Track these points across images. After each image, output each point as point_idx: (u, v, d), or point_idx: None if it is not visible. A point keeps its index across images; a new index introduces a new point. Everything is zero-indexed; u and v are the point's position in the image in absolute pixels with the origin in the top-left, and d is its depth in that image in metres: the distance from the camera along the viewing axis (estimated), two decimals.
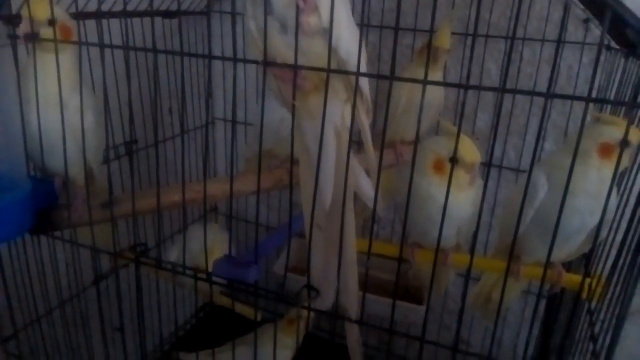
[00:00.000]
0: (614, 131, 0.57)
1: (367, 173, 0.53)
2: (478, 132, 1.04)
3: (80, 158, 0.64)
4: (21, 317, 0.80)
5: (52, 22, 0.60)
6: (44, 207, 0.67)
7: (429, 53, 0.48)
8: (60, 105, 0.58)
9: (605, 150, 0.56)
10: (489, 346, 0.50)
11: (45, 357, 0.87)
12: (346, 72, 0.47)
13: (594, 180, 0.57)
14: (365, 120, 0.50)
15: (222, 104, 1.24)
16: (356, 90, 0.45)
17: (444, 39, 0.82)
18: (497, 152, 1.03)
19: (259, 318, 0.90)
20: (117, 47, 0.56)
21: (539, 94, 0.39)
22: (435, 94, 0.87)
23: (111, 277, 0.88)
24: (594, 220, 0.58)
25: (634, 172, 0.55)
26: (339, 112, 0.49)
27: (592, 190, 0.56)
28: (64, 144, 0.61)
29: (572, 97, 0.44)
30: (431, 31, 0.50)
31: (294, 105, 0.49)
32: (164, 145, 1.06)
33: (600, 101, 0.39)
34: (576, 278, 0.62)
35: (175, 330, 1.18)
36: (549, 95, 0.38)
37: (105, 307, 0.76)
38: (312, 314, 0.90)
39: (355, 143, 0.61)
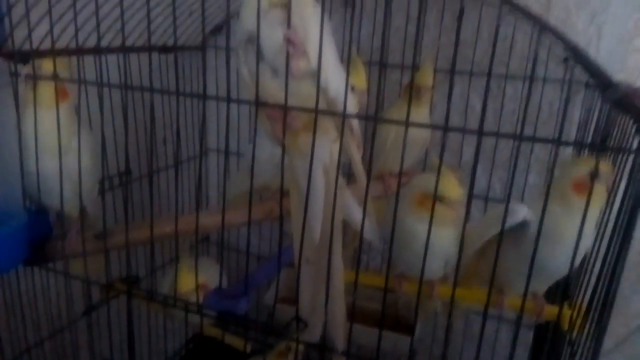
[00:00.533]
0: (584, 167, 0.58)
1: (359, 203, 0.56)
2: (465, 165, 1.07)
3: (75, 197, 0.66)
4: (10, 348, 0.80)
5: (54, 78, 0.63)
6: (38, 239, 0.68)
7: (411, 94, 0.50)
8: (59, 154, 0.61)
9: (579, 187, 0.58)
10: None
11: None
12: (333, 113, 0.49)
13: (576, 217, 0.58)
14: (356, 154, 0.52)
15: (215, 135, 1.26)
16: (343, 130, 0.48)
17: (426, 77, 0.86)
18: (483, 184, 1.06)
19: (248, 349, 0.91)
20: (115, 86, 0.58)
21: (509, 136, 0.42)
22: (421, 131, 0.90)
23: (102, 308, 0.89)
24: (580, 257, 0.60)
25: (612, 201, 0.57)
26: (327, 150, 0.51)
27: (575, 228, 0.58)
28: (61, 188, 0.63)
29: (540, 140, 0.47)
30: (413, 69, 0.53)
31: (284, 147, 0.51)
32: (157, 175, 1.07)
33: (567, 144, 0.42)
34: (554, 309, 0.63)
35: None
36: (519, 137, 0.41)
37: (96, 338, 0.76)
38: (301, 346, 0.91)
39: (347, 175, 0.63)
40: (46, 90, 0.63)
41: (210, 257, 1.28)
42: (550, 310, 0.64)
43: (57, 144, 0.61)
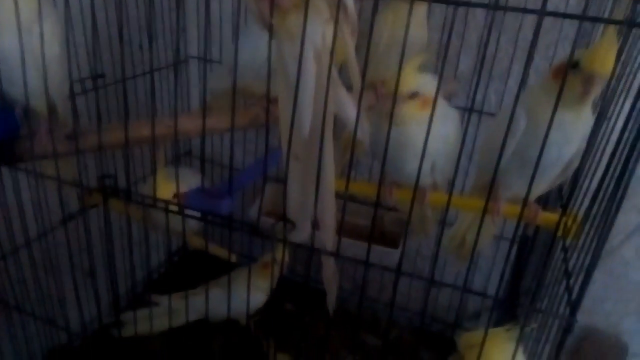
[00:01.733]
0: (574, 55, 0.53)
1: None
2: (460, 75, 1.02)
3: (42, 89, 0.60)
4: None
5: None
6: (5, 137, 0.63)
7: None
8: (19, 29, 0.54)
9: (557, 72, 0.54)
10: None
11: (14, 300, 0.85)
12: None
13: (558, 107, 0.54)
14: (350, 41, 0.47)
15: (196, 41, 1.18)
16: (339, 7, 0.42)
17: None
18: (478, 96, 1.02)
19: (233, 259, 0.90)
20: None
21: (532, 12, 0.37)
22: (417, 34, 0.84)
23: (81, 217, 0.85)
24: (570, 150, 0.57)
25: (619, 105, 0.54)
26: (319, 32, 0.46)
27: (559, 119, 0.54)
28: (24, 73, 0.57)
29: (565, 15, 0.42)
30: None
31: (271, 27, 0.46)
32: (134, 82, 1.00)
33: (554, 14, 0.38)
34: (552, 216, 0.62)
35: (149, 274, 1.17)
36: (543, 12, 0.36)
37: (75, 250, 0.73)
38: (286, 258, 0.90)
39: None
40: None
41: (193, 168, 1.24)
42: (544, 217, 0.63)
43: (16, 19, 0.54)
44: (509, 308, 0.88)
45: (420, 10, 0.84)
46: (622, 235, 1.07)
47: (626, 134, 0.47)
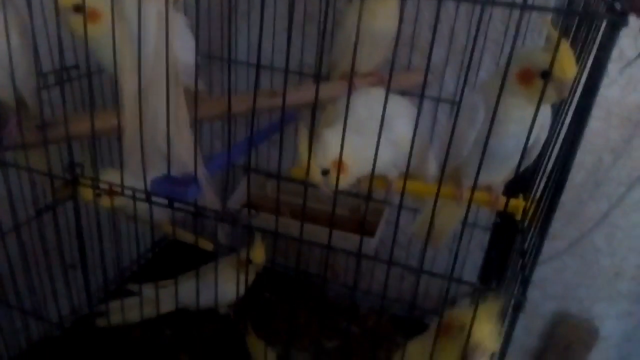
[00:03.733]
0: (536, 57, 0.55)
1: None
2: (433, 67, 1.03)
3: (7, 81, 0.61)
4: None
5: None
6: None
7: None
8: None
9: (523, 76, 0.55)
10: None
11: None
12: None
13: (521, 105, 0.56)
14: None
15: None
16: None
17: None
18: (451, 87, 1.04)
19: (209, 248, 0.90)
20: None
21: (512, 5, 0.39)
22: (390, 24, 0.86)
23: (59, 209, 0.86)
24: (529, 141, 0.59)
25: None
26: None
27: (520, 115, 0.56)
28: None
29: (500, 3, 0.43)
30: None
31: None
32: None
33: (530, 7, 0.39)
34: (513, 201, 0.64)
35: (131, 264, 1.18)
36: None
37: (52, 243, 0.74)
38: (263, 250, 0.90)
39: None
40: None
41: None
42: (505, 203, 0.64)
43: None
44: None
45: (391, 3, 0.85)
46: (592, 222, 1.10)
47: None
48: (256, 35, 0.61)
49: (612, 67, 0.93)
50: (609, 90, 0.97)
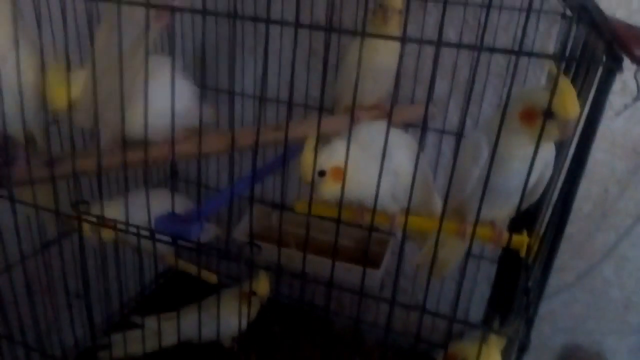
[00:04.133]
0: (538, 97, 0.55)
1: None
2: (437, 99, 1.04)
3: (18, 117, 0.62)
4: None
5: None
6: None
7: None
8: None
9: (526, 116, 0.56)
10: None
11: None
12: None
13: (524, 143, 0.56)
14: None
15: None
16: None
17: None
18: (455, 120, 1.05)
19: (213, 280, 0.90)
20: None
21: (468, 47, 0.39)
22: (390, 59, 0.87)
23: (64, 241, 0.86)
24: (533, 179, 0.59)
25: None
26: None
27: (523, 153, 0.56)
28: (1, 99, 0.59)
29: (499, 50, 0.44)
30: None
31: None
32: None
33: (527, 54, 0.40)
34: (516, 237, 0.63)
35: (136, 295, 1.17)
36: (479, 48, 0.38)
37: (58, 274, 0.74)
38: (267, 284, 0.90)
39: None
40: None
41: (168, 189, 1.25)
42: (510, 239, 0.64)
43: None
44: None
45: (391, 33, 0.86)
46: (601, 254, 1.09)
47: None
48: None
49: (616, 100, 0.94)
50: (614, 122, 0.97)
